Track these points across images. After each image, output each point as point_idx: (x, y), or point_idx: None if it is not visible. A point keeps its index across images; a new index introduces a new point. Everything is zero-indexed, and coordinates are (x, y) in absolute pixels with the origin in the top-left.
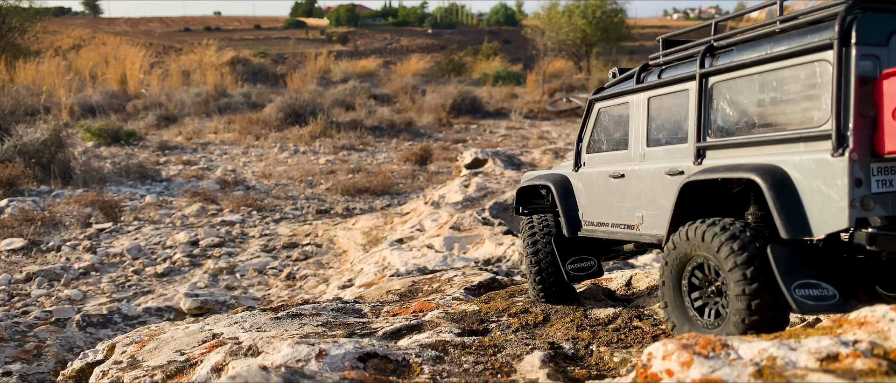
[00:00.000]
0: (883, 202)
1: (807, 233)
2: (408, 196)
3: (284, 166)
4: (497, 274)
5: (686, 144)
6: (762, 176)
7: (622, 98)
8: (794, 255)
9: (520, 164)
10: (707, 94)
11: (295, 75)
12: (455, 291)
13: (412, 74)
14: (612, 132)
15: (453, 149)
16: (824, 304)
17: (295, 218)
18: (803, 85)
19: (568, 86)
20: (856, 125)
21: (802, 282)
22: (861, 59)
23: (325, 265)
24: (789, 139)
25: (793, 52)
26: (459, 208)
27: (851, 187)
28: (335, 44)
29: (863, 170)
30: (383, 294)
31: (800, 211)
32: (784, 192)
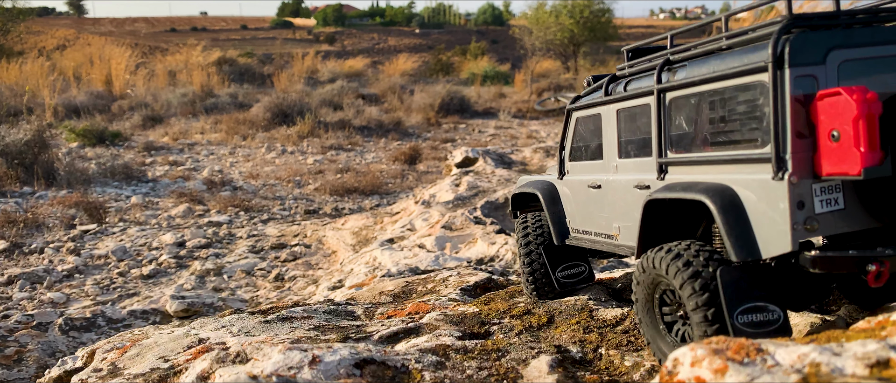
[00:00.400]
0: (828, 221)
1: (755, 255)
2: (397, 195)
3: (272, 166)
4: (492, 273)
5: (651, 158)
6: (712, 198)
7: (595, 108)
8: (743, 278)
9: (511, 163)
10: (665, 109)
11: (282, 75)
12: (451, 292)
13: (400, 74)
14: (589, 141)
15: (442, 149)
16: (764, 330)
17: (283, 218)
18: (747, 105)
19: (556, 85)
20: (794, 148)
21: (748, 305)
22: (796, 80)
23: (314, 266)
24: (739, 159)
25: (734, 72)
26: (451, 207)
27: (793, 210)
28: (322, 44)
29: (804, 191)
30: (376, 295)
31: (748, 233)
32: (733, 215)
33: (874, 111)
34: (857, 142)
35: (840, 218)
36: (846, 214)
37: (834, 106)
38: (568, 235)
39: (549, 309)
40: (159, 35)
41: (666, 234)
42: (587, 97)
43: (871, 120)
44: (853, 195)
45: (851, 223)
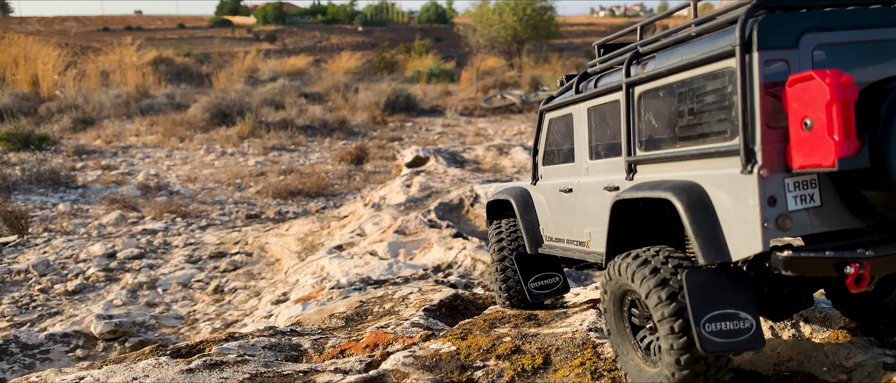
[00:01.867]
0: (803, 220)
1: (725, 257)
2: (344, 197)
3: (211, 169)
4: (455, 287)
5: (621, 158)
6: (678, 195)
7: (566, 108)
8: (712, 282)
9: (463, 162)
10: (634, 104)
11: (221, 74)
12: (413, 313)
13: (344, 72)
14: (561, 144)
15: (389, 148)
16: (733, 341)
17: (223, 224)
18: (716, 95)
19: (501, 83)
20: (764, 138)
21: (717, 313)
22: (766, 64)
23: (256, 276)
24: (708, 154)
25: (701, 60)
26: (402, 210)
27: (763, 206)
28: (263, 42)
29: (776, 186)
30: (326, 318)
31: (717, 233)
32: (701, 214)
33: (849, 96)
34: (831, 130)
35: (816, 216)
36: (824, 212)
37: (806, 91)
38: (541, 244)
39: (542, 345)
40: (91, 34)
41: (638, 240)
42: (559, 97)
43: (846, 105)
44: (831, 191)
45: (830, 222)
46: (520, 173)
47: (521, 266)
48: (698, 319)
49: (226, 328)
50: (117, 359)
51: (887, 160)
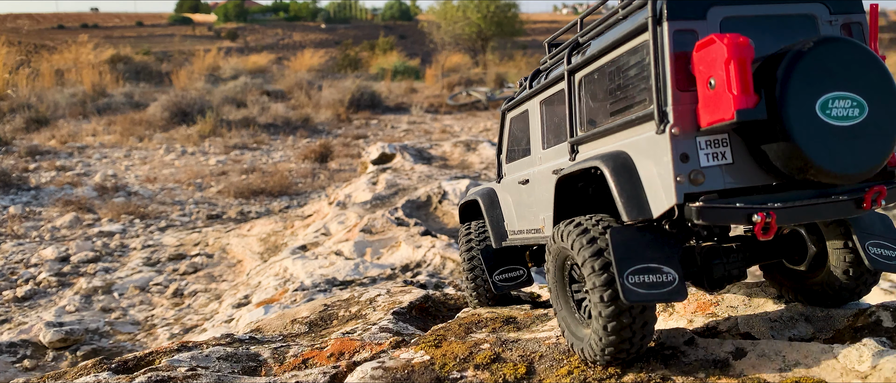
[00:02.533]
0: (715, 175)
1: (646, 214)
2: (308, 196)
3: (171, 169)
4: (425, 286)
5: (566, 143)
6: (606, 163)
7: (522, 105)
8: (635, 239)
9: (430, 158)
10: (575, 90)
11: (181, 73)
12: (381, 318)
13: (307, 70)
14: (520, 140)
15: (354, 145)
16: (655, 292)
17: (183, 225)
18: (637, 68)
19: (467, 80)
20: (674, 100)
21: (640, 266)
22: (676, 34)
23: (217, 278)
24: (632, 122)
25: (623, 37)
26: (369, 208)
27: (676, 162)
28: (224, 40)
29: (688, 144)
30: (288, 324)
31: (639, 193)
32: (624, 176)
33: (746, 55)
34: (730, 86)
35: (728, 172)
36: (735, 169)
37: (709, 53)
38: (506, 238)
39: (524, 352)
40: (45, 32)
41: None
42: (518, 96)
43: (743, 63)
44: (742, 148)
45: (742, 178)
46: (488, 169)
47: (486, 259)
48: (622, 272)
49: (185, 333)
50: (56, 375)
51: (782, 113)
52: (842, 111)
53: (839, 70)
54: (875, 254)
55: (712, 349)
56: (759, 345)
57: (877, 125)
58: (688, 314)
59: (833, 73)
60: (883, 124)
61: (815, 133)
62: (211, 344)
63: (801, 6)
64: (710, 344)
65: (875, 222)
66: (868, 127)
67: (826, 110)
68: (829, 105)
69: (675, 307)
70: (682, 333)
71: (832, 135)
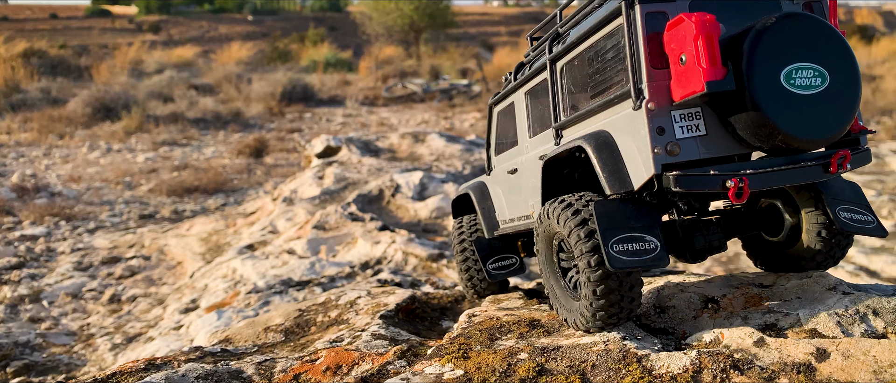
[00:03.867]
0: (690, 146)
1: (627, 186)
2: (245, 192)
3: (96, 167)
4: (401, 285)
5: (550, 129)
6: (588, 142)
7: (508, 98)
8: (618, 210)
9: (378, 151)
10: (557, 77)
11: (102, 67)
12: (368, 323)
13: (235, 63)
14: (508, 132)
15: (289, 139)
16: (639, 259)
17: (114, 226)
18: (613, 51)
19: (401, 71)
20: (649, 78)
21: (623, 235)
22: (648, 16)
23: (157, 281)
24: (611, 102)
25: (599, 23)
26: (318, 203)
27: (653, 135)
28: (146, 33)
29: (664, 118)
30: (260, 332)
31: (620, 167)
32: (606, 153)
33: (713, 31)
34: (699, 60)
35: (703, 143)
36: (709, 140)
37: (679, 31)
38: (498, 227)
39: (572, 362)
40: None
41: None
42: (503, 90)
43: (711, 39)
44: (715, 121)
45: (715, 148)
46: (438, 161)
47: (480, 249)
48: (607, 241)
49: (128, 343)
50: None
51: (749, 84)
52: (805, 80)
53: (801, 43)
54: (846, 218)
55: (788, 350)
56: (841, 344)
57: (838, 93)
58: (739, 311)
59: (795, 45)
60: (844, 92)
61: (781, 101)
62: (181, 360)
63: None
64: (784, 345)
65: (845, 189)
66: (830, 94)
67: (790, 80)
68: (793, 75)
69: (722, 303)
70: (748, 333)
71: (796, 103)
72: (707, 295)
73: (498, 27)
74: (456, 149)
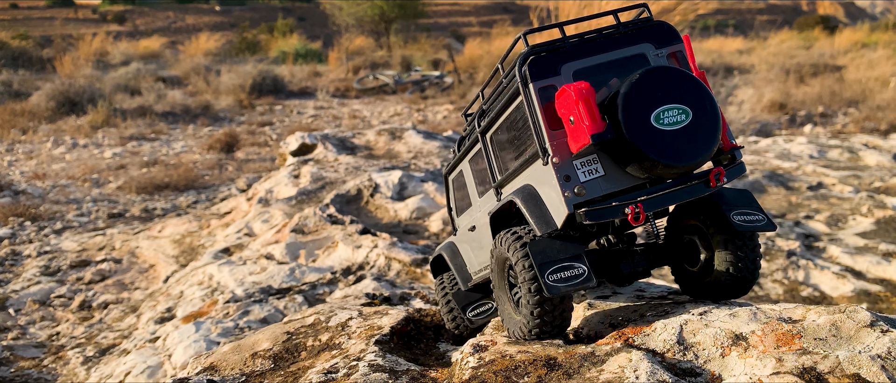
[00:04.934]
0: (594, 186)
1: (552, 226)
2: (217, 189)
3: (62, 163)
4: (390, 300)
5: (491, 189)
6: (517, 195)
7: (457, 168)
8: (549, 246)
9: (354, 148)
10: (488, 145)
11: (66, 59)
12: (363, 350)
13: (203, 54)
14: (463, 195)
15: (261, 133)
16: (570, 283)
17: (82, 226)
18: (522, 119)
19: (372, 63)
20: (550, 137)
21: (556, 267)
22: (540, 90)
23: (129, 286)
24: (529, 161)
25: (507, 100)
26: (294, 205)
27: (562, 182)
28: (111, 24)
29: (568, 168)
30: (247, 359)
31: (544, 212)
32: (532, 202)
33: (589, 95)
34: (582, 119)
35: (603, 182)
36: (608, 178)
37: (564, 99)
38: (470, 279)
39: None
40: None
41: None
42: (452, 161)
43: (588, 101)
44: (610, 162)
45: (615, 184)
46: (416, 158)
47: (458, 301)
48: (543, 273)
49: (101, 356)
50: None
51: (625, 129)
52: (671, 118)
53: (663, 89)
54: (740, 221)
55: None
56: None
57: (701, 124)
58: (771, 350)
59: (659, 92)
60: (705, 123)
61: (653, 138)
62: None
63: (632, 48)
64: None
65: (738, 198)
66: (694, 127)
67: (659, 120)
68: (661, 116)
69: (751, 341)
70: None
71: (667, 138)
72: (734, 331)
73: (468, 18)
74: (434, 147)
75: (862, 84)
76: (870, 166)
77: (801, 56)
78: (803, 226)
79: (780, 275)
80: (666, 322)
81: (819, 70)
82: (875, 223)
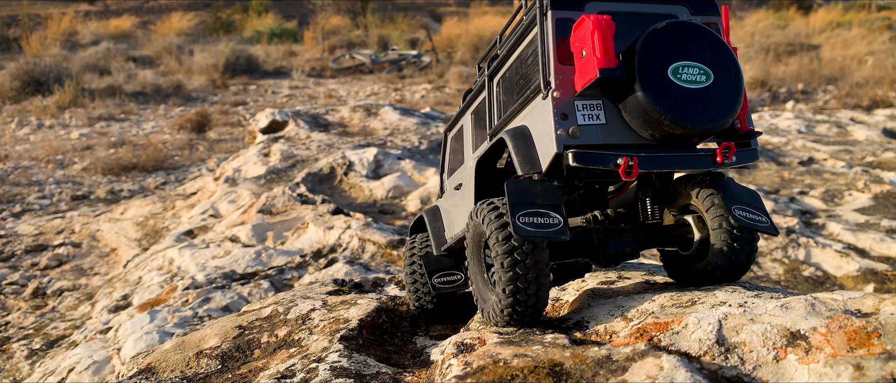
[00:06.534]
0: (591, 133)
1: (537, 168)
2: (187, 169)
3: (25, 145)
4: (361, 286)
5: (487, 135)
6: (507, 133)
7: (458, 122)
8: (527, 188)
9: (327, 125)
10: (493, 91)
11: (33, 38)
12: (326, 348)
13: (176, 34)
14: (457, 153)
15: (234, 113)
16: (542, 231)
17: (43, 209)
18: (533, 55)
19: (348, 42)
20: (556, 72)
21: (529, 210)
22: (558, 22)
23: (87, 272)
24: (528, 99)
25: (521, 34)
26: (263, 184)
27: (557, 119)
28: (80, 3)
29: (567, 106)
30: (191, 358)
31: (532, 152)
32: (520, 141)
33: (607, 28)
34: (595, 50)
35: (602, 131)
36: (608, 128)
37: (581, 31)
38: (445, 243)
39: None
40: None
41: None
42: (455, 115)
43: (605, 34)
44: (615, 113)
45: (614, 136)
46: (393, 136)
47: (427, 264)
48: (514, 213)
49: (48, 349)
50: None
51: (639, 74)
52: (691, 76)
53: (688, 45)
54: (740, 215)
55: None
56: None
57: (721, 90)
58: (844, 354)
59: (683, 46)
60: (726, 90)
61: (667, 91)
62: None
63: (666, 7)
64: None
65: (744, 194)
66: (713, 91)
67: (677, 74)
68: (680, 70)
69: (813, 340)
70: None
71: (681, 94)
72: (788, 327)
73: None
74: (411, 123)
75: (838, 62)
76: (860, 141)
77: (778, 36)
78: (799, 202)
79: (779, 253)
80: (699, 316)
81: (796, 49)
82: (873, 198)
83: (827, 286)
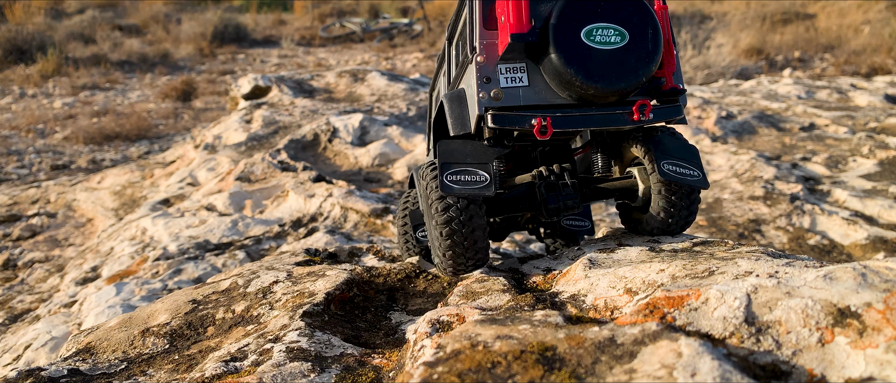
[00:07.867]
0: (512, 94)
1: (467, 128)
2: (171, 139)
3: (7, 114)
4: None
5: None
6: (446, 97)
7: (436, 84)
8: (457, 148)
9: (312, 91)
10: (451, 54)
11: (16, 6)
12: (286, 325)
13: (163, 2)
14: None
15: (221, 82)
16: (468, 188)
17: (21, 179)
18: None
19: (339, 10)
20: (481, 37)
21: (458, 169)
22: None
23: (62, 242)
24: (464, 65)
25: (460, 3)
26: (244, 151)
27: (480, 83)
28: None
29: (491, 70)
30: (135, 336)
31: (464, 113)
32: (455, 103)
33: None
34: (508, 17)
35: (524, 93)
36: (531, 90)
37: (502, 1)
38: None
39: None
40: None
41: None
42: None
43: (519, 2)
44: (537, 74)
45: (537, 98)
46: (380, 102)
47: (413, 219)
48: (443, 172)
49: (11, 323)
50: None
51: (552, 37)
52: (604, 37)
53: (603, 7)
54: (668, 169)
55: None
56: None
57: (635, 51)
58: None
59: (599, 9)
60: (640, 51)
61: (579, 53)
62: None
63: None
64: None
65: (678, 149)
66: (626, 52)
67: (590, 36)
68: (593, 33)
69: (868, 320)
70: None
71: (593, 56)
72: (835, 302)
73: None
74: (399, 89)
75: (834, 31)
76: (862, 107)
77: (773, 5)
78: (802, 169)
79: (783, 221)
80: (722, 289)
81: (791, 18)
82: (879, 164)
83: (834, 255)
